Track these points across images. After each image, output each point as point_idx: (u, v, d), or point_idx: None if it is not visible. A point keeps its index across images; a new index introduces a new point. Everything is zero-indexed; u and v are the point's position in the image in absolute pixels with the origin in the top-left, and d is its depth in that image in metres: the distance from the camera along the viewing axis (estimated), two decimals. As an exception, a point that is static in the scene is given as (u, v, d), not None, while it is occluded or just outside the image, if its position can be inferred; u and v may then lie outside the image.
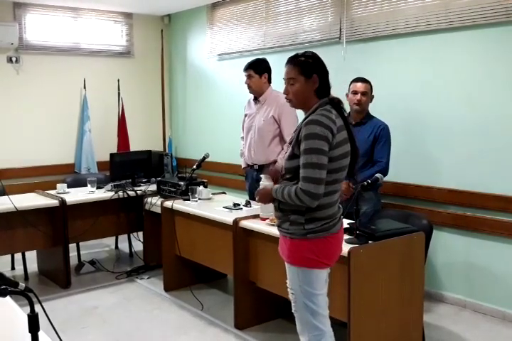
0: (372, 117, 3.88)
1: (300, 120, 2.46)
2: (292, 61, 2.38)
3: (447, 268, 4.04)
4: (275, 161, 4.09)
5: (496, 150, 3.69)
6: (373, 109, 3.93)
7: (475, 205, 3.83)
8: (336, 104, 2.33)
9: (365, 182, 2.92)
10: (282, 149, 4.07)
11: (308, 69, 2.32)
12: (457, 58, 3.87)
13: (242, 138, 4.39)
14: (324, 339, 2.38)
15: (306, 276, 2.34)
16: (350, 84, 3.87)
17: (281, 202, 2.35)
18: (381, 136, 3.80)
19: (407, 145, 4.19)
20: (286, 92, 2.41)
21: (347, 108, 2.71)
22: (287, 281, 2.44)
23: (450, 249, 3.99)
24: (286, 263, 2.42)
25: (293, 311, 2.43)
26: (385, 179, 3.55)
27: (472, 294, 3.90)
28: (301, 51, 2.46)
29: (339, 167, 2.28)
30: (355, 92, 3.81)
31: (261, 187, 2.61)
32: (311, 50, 2.50)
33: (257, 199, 2.56)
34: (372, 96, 3.90)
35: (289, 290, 2.43)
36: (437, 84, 3.99)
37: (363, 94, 3.80)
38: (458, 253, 3.96)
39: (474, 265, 3.87)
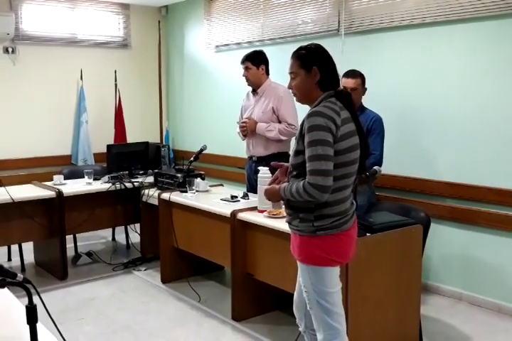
0: (365, 109, 3.84)
1: (303, 114, 2.42)
2: (294, 54, 2.36)
3: (444, 261, 4.05)
4: (273, 154, 4.09)
5: (493, 143, 3.69)
6: (370, 101, 3.92)
7: (471, 198, 3.84)
8: (344, 96, 2.28)
9: (362, 175, 2.90)
10: (282, 141, 4.07)
11: (307, 62, 2.29)
12: (456, 51, 3.85)
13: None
14: (340, 338, 2.33)
15: (318, 274, 2.28)
16: (341, 78, 3.81)
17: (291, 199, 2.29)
18: (374, 127, 3.75)
19: (403, 137, 4.19)
20: (289, 87, 2.39)
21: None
22: (300, 279, 2.40)
23: (446, 241, 4.00)
24: (297, 262, 2.36)
25: (308, 309, 2.38)
26: (382, 172, 3.55)
27: (468, 286, 3.91)
28: (300, 44, 2.42)
29: (348, 161, 2.22)
30: (344, 88, 3.74)
31: (261, 183, 2.51)
32: (309, 42, 2.47)
33: (267, 198, 2.48)
34: (365, 89, 3.85)
35: (302, 288, 2.38)
36: (435, 76, 3.98)
37: (353, 90, 3.68)
38: (454, 245, 3.97)
39: (471, 257, 3.88)
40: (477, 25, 3.70)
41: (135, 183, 4.64)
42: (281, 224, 2.91)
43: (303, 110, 2.43)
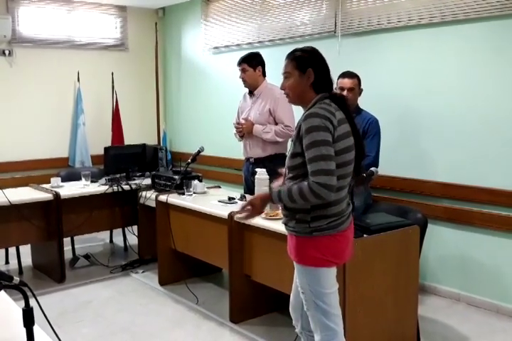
0: (362, 111, 3.83)
1: (299, 116, 2.43)
2: (289, 56, 2.36)
3: (441, 261, 4.05)
4: (270, 155, 4.09)
5: (492, 143, 3.69)
6: (367, 102, 3.92)
7: (465, 198, 3.85)
8: (338, 98, 2.29)
9: (359, 176, 2.89)
10: (279, 142, 4.08)
11: (303, 63, 2.30)
12: (453, 52, 3.86)
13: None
14: (337, 339, 2.32)
15: (314, 275, 2.28)
16: (337, 79, 3.78)
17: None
18: (369, 129, 3.74)
19: (400, 139, 4.19)
20: (282, 87, 2.38)
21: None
22: (296, 280, 2.40)
23: (443, 241, 4.01)
24: (294, 263, 2.36)
25: (305, 310, 2.38)
26: (379, 172, 3.55)
27: (466, 287, 3.91)
28: (297, 45, 2.43)
29: (344, 161, 2.22)
30: (341, 88, 3.73)
31: (258, 185, 2.48)
32: (305, 43, 2.49)
33: (244, 215, 2.42)
34: (361, 90, 3.84)
35: (299, 289, 2.38)
36: (432, 78, 3.99)
37: (350, 90, 3.72)
38: (451, 246, 3.98)
39: (468, 258, 3.89)
40: (477, 26, 3.70)
41: (132, 185, 4.63)
42: (279, 226, 2.91)
43: (299, 111, 2.43)
